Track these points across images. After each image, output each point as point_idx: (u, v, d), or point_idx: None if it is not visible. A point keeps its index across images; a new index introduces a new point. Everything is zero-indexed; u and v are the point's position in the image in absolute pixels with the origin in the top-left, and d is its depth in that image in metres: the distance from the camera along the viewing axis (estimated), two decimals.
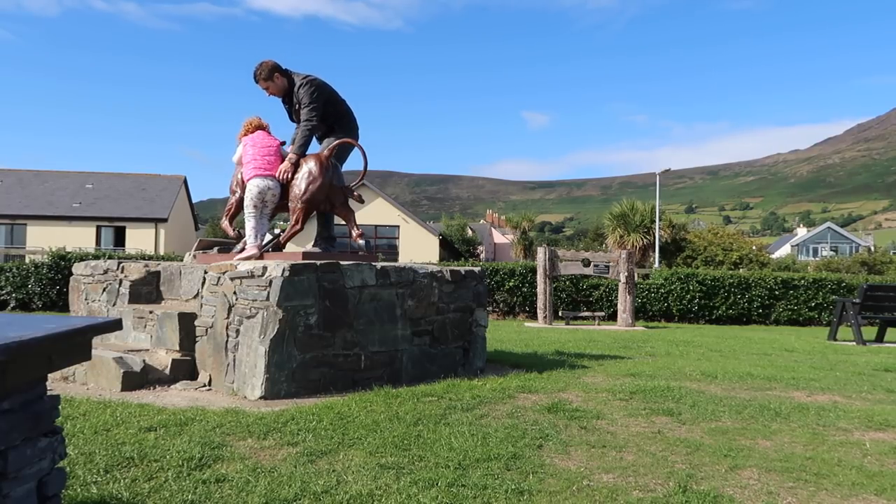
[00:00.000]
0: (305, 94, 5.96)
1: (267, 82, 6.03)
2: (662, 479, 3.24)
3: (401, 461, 3.34)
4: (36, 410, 1.85)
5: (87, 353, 2.09)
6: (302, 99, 5.97)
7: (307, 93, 5.95)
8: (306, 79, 6.02)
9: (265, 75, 6.01)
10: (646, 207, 31.45)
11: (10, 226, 32.33)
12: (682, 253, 31.86)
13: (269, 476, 3.06)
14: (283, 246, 6.23)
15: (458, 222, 58.62)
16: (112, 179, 36.20)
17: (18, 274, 14.85)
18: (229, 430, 3.78)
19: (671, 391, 5.41)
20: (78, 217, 32.62)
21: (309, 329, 5.03)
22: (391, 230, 34.68)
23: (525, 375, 5.97)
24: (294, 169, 5.85)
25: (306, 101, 5.95)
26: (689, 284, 17.53)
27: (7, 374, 1.65)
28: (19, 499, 1.74)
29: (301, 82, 6.00)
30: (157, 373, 5.21)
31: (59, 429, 1.98)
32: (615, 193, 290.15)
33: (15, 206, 32.71)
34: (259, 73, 6.03)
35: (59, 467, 1.96)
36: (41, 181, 35.05)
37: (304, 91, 5.96)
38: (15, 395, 1.75)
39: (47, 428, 1.91)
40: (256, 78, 6.05)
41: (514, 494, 2.95)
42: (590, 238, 52.69)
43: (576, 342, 10.03)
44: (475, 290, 6.29)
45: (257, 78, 6.05)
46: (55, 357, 1.91)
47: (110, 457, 3.22)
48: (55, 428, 1.95)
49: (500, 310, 17.14)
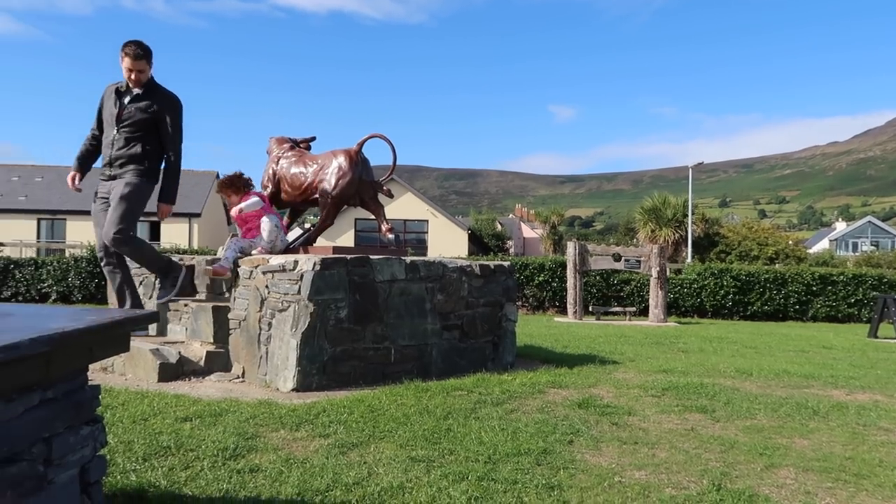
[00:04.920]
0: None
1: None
2: (696, 477, 3.21)
3: (431, 454, 3.36)
4: (78, 400, 1.89)
5: (125, 345, 2.13)
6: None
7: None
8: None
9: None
10: (678, 201, 31.02)
11: (50, 221, 33.13)
12: (716, 248, 31.36)
13: (302, 467, 3.10)
14: (313, 240, 6.28)
15: (486, 217, 58.46)
16: None
17: (59, 267, 15.23)
18: (262, 422, 3.84)
19: (704, 388, 5.34)
20: None
21: (339, 322, 5.07)
22: (420, 225, 34.74)
23: (555, 370, 5.95)
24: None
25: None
26: (723, 280, 17.26)
27: (50, 364, 1.70)
28: (63, 484, 1.79)
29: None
30: (192, 364, 5.30)
31: (100, 418, 2.02)
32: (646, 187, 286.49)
33: (55, 201, 33.51)
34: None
35: (100, 455, 2.01)
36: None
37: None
38: (58, 384, 1.79)
39: (88, 417, 1.96)
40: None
41: (545, 489, 2.94)
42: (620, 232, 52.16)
43: (606, 338, 9.95)
44: (504, 285, 6.28)
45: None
46: (96, 348, 1.95)
47: (148, 446, 3.29)
48: (96, 417, 2.00)
49: (529, 304, 17.08)
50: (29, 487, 1.64)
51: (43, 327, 1.77)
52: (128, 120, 5.14)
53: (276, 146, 6.38)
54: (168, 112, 5.19)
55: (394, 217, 29.19)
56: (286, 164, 6.15)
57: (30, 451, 1.67)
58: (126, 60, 5.05)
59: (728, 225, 37.16)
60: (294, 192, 6.06)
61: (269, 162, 6.28)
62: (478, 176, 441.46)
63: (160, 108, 5.15)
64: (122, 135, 5.15)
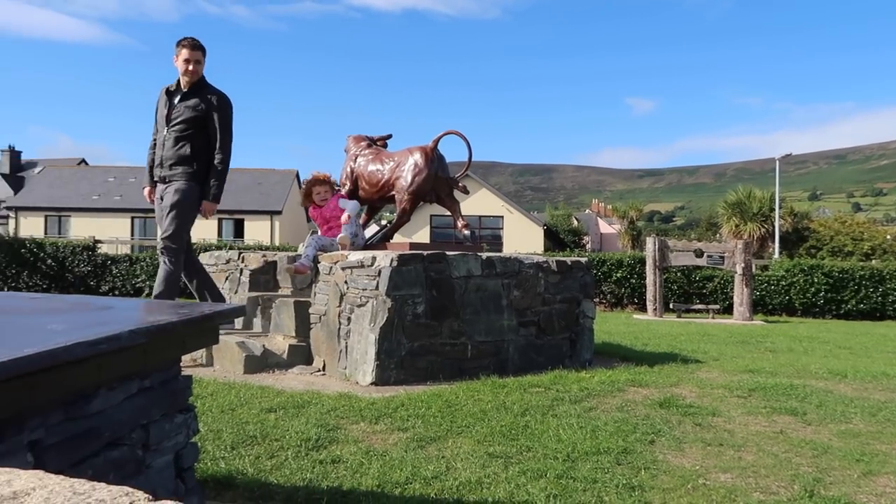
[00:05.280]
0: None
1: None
2: (786, 482, 3.07)
3: (508, 451, 3.35)
4: (172, 389, 1.99)
5: (215, 338, 2.23)
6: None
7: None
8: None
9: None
10: (764, 195, 29.70)
11: (143, 219, 34.99)
12: (805, 243, 29.88)
13: (382, 459, 3.15)
14: (390, 237, 6.38)
15: (562, 212, 57.75)
16: (232, 174, 38.10)
17: (151, 264, 16.06)
18: (343, 414, 3.93)
19: (794, 389, 5.11)
20: None
21: (416, 318, 5.12)
22: (495, 221, 34.67)
23: (635, 369, 5.82)
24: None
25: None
26: (814, 276, 16.43)
27: (147, 354, 1.79)
28: (160, 469, 1.88)
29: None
30: (275, 357, 5.48)
31: (192, 406, 2.12)
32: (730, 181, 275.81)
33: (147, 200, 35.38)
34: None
35: (193, 442, 2.10)
36: None
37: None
38: (154, 374, 1.89)
39: (182, 405, 2.05)
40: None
41: (626, 490, 2.88)
42: (702, 227, 50.46)
43: (688, 336, 9.66)
44: (582, 281, 6.19)
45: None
46: (188, 340, 2.05)
47: (236, 434, 3.43)
48: (188, 406, 2.10)
49: (607, 301, 16.77)
50: (130, 470, 1.74)
51: (141, 320, 1.87)
52: (177, 118, 5.09)
53: (354, 144, 6.50)
54: (217, 110, 5.11)
55: (469, 213, 29.23)
56: (363, 161, 6.27)
57: (130, 437, 1.77)
58: (184, 52, 5.03)
59: (819, 219, 35.33)
60: (371, 189, 6.17)
61: (347, 160, 6.41)
62: (553, 171, 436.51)
63: (208, 106, 5.09)
64: (172, 134, 5.10)
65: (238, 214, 35.24)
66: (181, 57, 5.06)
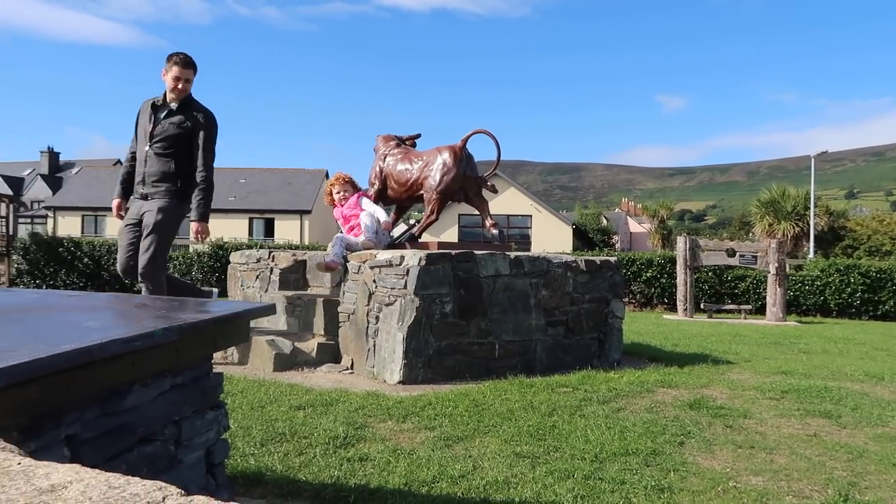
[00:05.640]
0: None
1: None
2: (820, 486, 3.01)
3: (536, 451, 3.34)
4: (203, 386, 2.03)
5: (246, 335, 2.26)
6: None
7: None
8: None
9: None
10: (799, 193, 29.13)
11: None
12: (841, 242, 29.25)
13: (409, 458, 3.17)
14: (418, 236, 6.40)
15: (592, 211, 57.29)
16: (262, 174, 38.82)
17: (184, 262, 16.33)
18: (370, 412, 3.95)
19: (829, 392, 5.01)
20: (233, 210, 35.31)
21: (444, 317, 5.13)
22: (523, 220, 34.55)
23: (664, 369, 5.76)
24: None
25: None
26: (850, 276, 16.07)
27: (180, 352, 1.83)
28: (191, 464, 1.92)
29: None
30: (304, 355, 5.54)
31: (223, 403, 2.16)
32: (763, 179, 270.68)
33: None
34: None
35: (223, 438, 2.14)
36: None
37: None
38: (186, 371, 1.93)
39: (213, 402, 2.09)
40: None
41: (654, 491, 2.85)
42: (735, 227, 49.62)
43: (719, 336, 9.52)
44: (611, 281, 6.14)
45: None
46: (219, 338, 2.08)
47: (265, 431, 3.48)
48: (219, 403, 2.13)
49: (636, 301, 16.61)
50: (162, 466, 1.78)
51: (173, 317, 1.90)
52: (161, 135, 4.91)
53: (383, 144, 6.54)
54: (203, 129, 4.95)
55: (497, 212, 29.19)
56: (392, 161, 6.30)
57: (162, 433, 1.81)
58: (175, 69, 4.87)
59: (856, 218, 34.54)
60: (400, 188, 6.20)
61: (376, 159, 6.45)
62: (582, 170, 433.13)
63: (194, 124, 4.93)
64: (155, 151, 4.91)
65: (268, 214, 35.67)
66: (171, 73, 4.89)
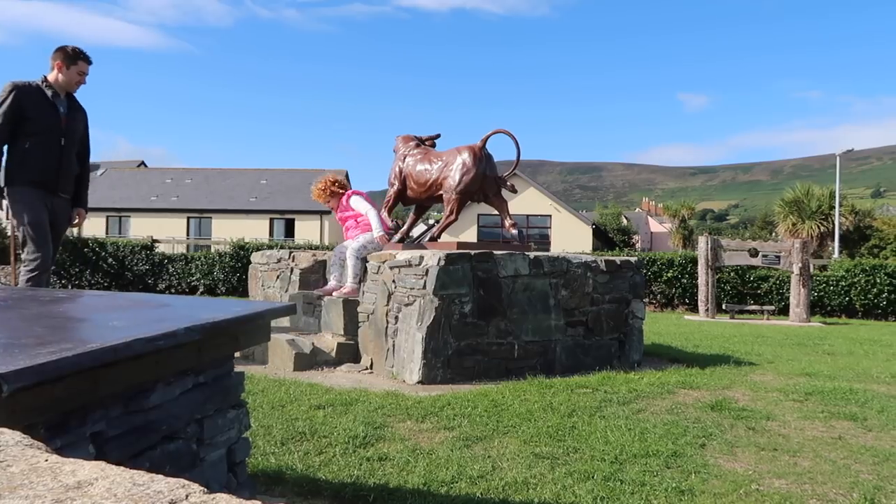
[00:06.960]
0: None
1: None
2: (845, 490, 2.97)
3: (555, 451, 3.33)
4: (225, 385, 2.05)
5: (267, 335, 2.28)
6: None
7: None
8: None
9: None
10: (823, 192, 28.71)
11: (198, 219, 35.97)
12: (867, 242, 28.80)
13: (428, 458, 3.17)
14: (438, 236, 6.40)
15: (612, 211, 56.96)
16: (283, 175, 39.08)
17: (206, 262, 16.50)
18: (390, 412, 3.97)
19: (854, 394, 4.93)
20: (254, 210, 35.61)
21: (463, 317, 5.13)
22: (543, 220, 34.42)
23: (685, 370, 5.71)
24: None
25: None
26: (876, 277, 15.79)
27: (202, 351, 1.85)
28: (213, 462, 1.94)
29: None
30: (323, 355, 5.58)
31: (244, 402, 2.18)
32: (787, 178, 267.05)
33: (202, 201, 36.34)
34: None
35: (245, 437, 2.16)
36: (223, 178, 38.64)
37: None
38: (208, 370, 1.95)
39: (234, 401, 2.11)
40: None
41: (675, 493, 2.83)
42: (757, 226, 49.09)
43: (741, 337, 9.41)
44: (631, 281, 6.10)
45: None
46: (241, 337, 2.10)
47: (285, 431, 3.50)
48: (241, 402, 2.16)
49: (657, 301, 16.47)
50: (185, 463, 1.80)
51: (196, 317, 1.93)
52: (74, 130, 4.80)
53: (403, 144, 6.55)
54: (86, 126, 4.99)
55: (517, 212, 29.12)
56: (412, 161, 6.31)
57: (185, 431, 1.83)
58: (85, 67, 4.81)
59: (882, 217, 33.97)
60: (419, 188, 6.21)
61: (396, 160, 6.47)
62: (602, 169, 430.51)
63: (85, 121, 4.97)
64: (70, 146, 4.77)
65: (289, 214, 35.90)
66: (78, 69, 4.79)
